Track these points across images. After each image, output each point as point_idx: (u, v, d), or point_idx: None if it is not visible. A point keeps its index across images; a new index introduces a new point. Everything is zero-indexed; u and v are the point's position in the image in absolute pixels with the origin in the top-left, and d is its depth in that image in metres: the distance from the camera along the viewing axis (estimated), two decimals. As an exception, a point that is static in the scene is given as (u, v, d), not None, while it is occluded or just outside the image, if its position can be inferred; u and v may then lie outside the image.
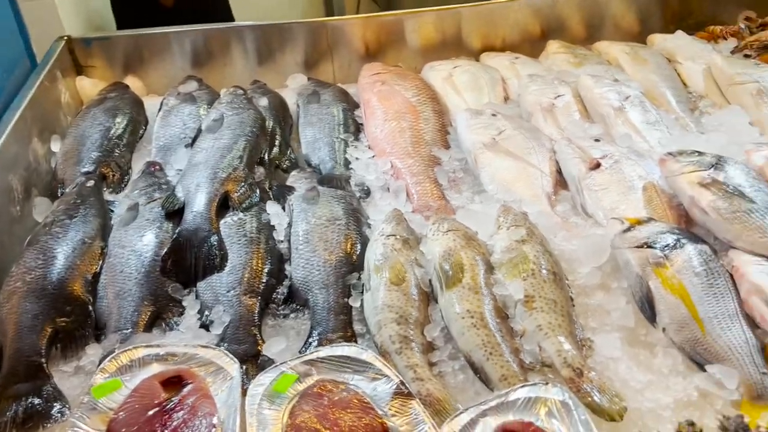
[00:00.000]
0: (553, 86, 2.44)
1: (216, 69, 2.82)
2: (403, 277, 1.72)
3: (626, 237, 1.76)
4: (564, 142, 2.17)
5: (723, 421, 1.09)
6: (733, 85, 2.39)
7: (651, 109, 2.34)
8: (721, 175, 1.84)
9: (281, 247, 1.89)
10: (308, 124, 2.38)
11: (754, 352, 1.51)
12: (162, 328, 1.71)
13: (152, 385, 1.44)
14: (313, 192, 2.00)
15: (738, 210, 1.75)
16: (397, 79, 2.52)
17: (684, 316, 1.58)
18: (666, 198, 1.96)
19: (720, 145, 2.14)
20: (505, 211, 1.91)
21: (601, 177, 2.04)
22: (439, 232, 1.83)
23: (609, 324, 1.65)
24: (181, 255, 1.81)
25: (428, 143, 2.30)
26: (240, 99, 2.31)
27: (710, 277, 1.63)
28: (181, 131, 2.29)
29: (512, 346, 1.57)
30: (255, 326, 1.68)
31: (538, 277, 1.68)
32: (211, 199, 1.92)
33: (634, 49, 2.69)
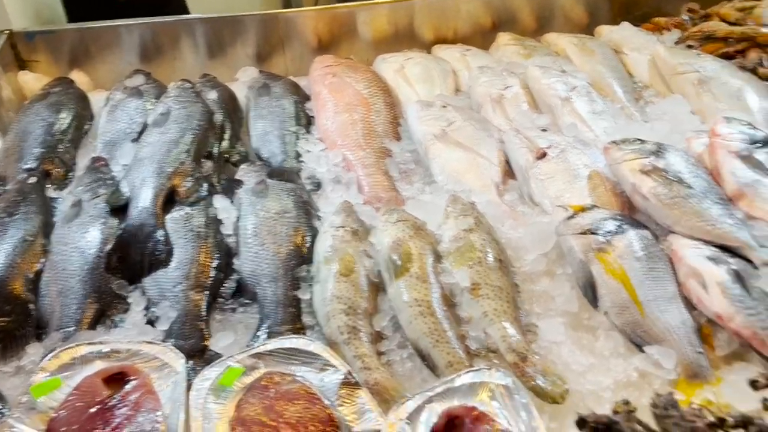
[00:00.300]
0: (502, 78, 2.47)
1: (165, 63, 2.77)
2: (352, 269, 1.72)
3: (570, 224, 1.79)
4: (512, 132, 2.20)
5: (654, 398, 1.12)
6: (675, 75, 2.45)
7: (597, 99, 2.38)
8: (662, 162, 1.89)
9: (229, 241, 1.87)
10: (258, 117, 2.36)
11: (691, 333, 1.55)
12: (107, 326, 1.68)
13: (94, 382, 1.41)
14: (262, 185, 1.98)
15: (677, 196, 1.80)
16: (348, 71, 2.51)
17: (625, 300, 1.62)
18: (610, 185, 2.00)
19: (663, 133, 2.19)
20: (453, 201, 1.93)
21: (547, 166, 2.07)
22: (388, 222, 1.83)
23: (553, 309, 1.68)
24: (126, 251, 1.78)
25: (379, 135, 2.30)
26: (187, 92, 2.28)
27: (650, 262, 1.68)
28: (127, 126, 2.25)
29: (458, 333, 1.59)
30: (202, 321, 1.66)
31: (485, 265, 1.70)
32: (156, 194, 1.90)
33: (581, 40, 2.73)
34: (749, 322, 1.52)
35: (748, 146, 1.89)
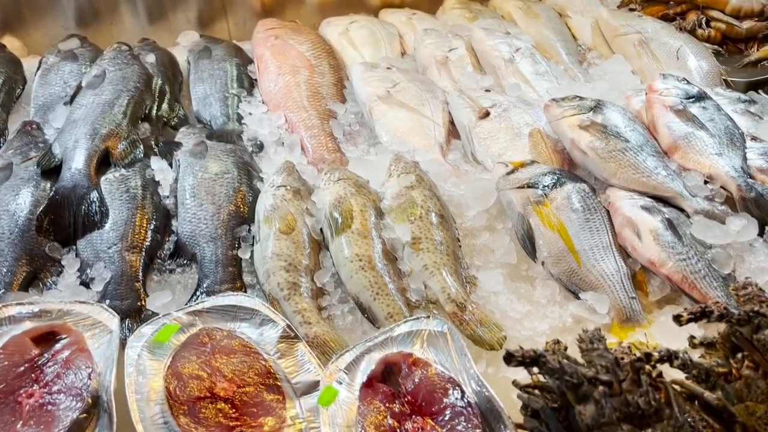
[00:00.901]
0: (447, 40, 2.47)
1: (103, 28, 2.68)
2: (293, 227, 1.71)
3: (509, 179, 1.81)
4: (456, 93, 2.20)
5: (581, 334, 1.15)
6: (617, 37, 2.49)
7: (541, 60, 2.40)
8: (600, 117, 1.92)
9: (167, 202, 1.83)
10: (199, 81, 2.31)
11: (625, 279, 1.59)
12: (39, 288, 1.63)
13: (22, 341, 1.37)
14: (201, 147, 1.94)
15: (614, 149, 1.83)
16: (291, 33, 2.48)
17: (561, 250, 1.64)
18: (551, 143, 2.03)
19: (603, 92, 2.23)
20: (396, 160, 1.92)
21: (490, 125, 2.08)
22: (330, 181, 1.82)
23: (493, 261, 1.70)
24: (59, 213, 1.73)
25: (324, 97, 2.27)
26: (124, 55, 2.22)
27: (587, 213, 1.70)
28: (61, 89, 2.17)
29: (399, 286, 1.59)
30: (138, 281, 1.63)
31: (425, 220, 1.71)
32: (90, 156, 1.84)
33: (527, 4, 2.74)
34: (680, 266, 1.56)
35: (683, 101, 1.94)
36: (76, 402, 1.26)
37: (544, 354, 1.07)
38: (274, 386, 1.35)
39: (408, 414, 1.26)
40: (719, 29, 2.52)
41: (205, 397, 1.30)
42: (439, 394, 1.27)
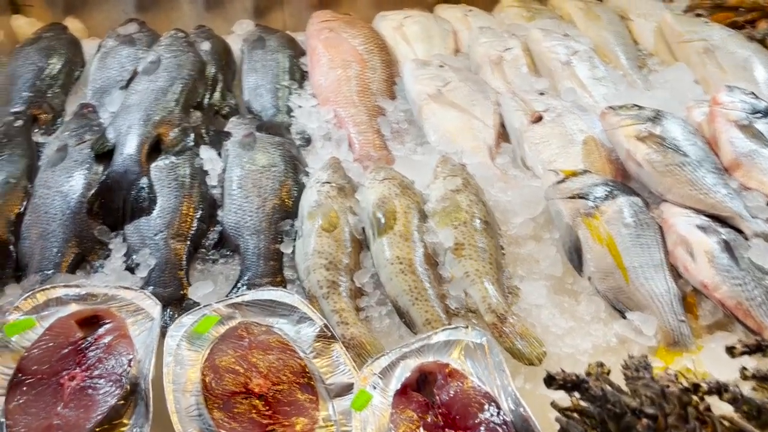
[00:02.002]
0: (503, 39, 2.41)
1: (162, 13, 2.72)
2: (335, 224, 1.70)
3: (559, 188, 1.76)
4: (508, 95, 2.15)
5: (626, 360, 1.10)
6: (681, 43, 2.39)
7: (599, 65, 2.32)
8: (658, 128, 1.85)
9: (214, 192, 1.85)
10: (251, 71, 2.31)
11: (675, 301, 1.53)
12: (86, 271, 1.67)
13: (67, 323, 1.41)
14: (250, 138, 1.95)
15: (671, 163, 1.76)
16: (345, 26, 2.46)
17: (609, 265, 1.59)
18: (605, 152, 1.96)
19: (663, 101, 2.14)
20: (443, 161, 1.89)
21: (542, 130, 2.03)
22: (375, 180, 1.80)
23: (537, 272, 1.66)
24: (109, 197, 1.76)
25: (374, 93, 2.25)
26: (180, 42, 2.24)
27: (639, 229, 1.64)
28: (117, 74, 2.21)
29: (438, 292, 1.57)
30: (181, 270, 1.65)
31: (469, 225, 1.67)
32: (142, 142, 1.87)
33: (588, 5, 2.66)
34: (734, 292, 1.49)
35: (749, 116, 1.85)
36: (116, 388, 1.28)
37: (587, 380, 1.04)
38: (308, 386, 1.35)
39: (441, 427, 1.24)
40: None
41: (239, 392, 1.31)
42: (474, 409, 1.25)
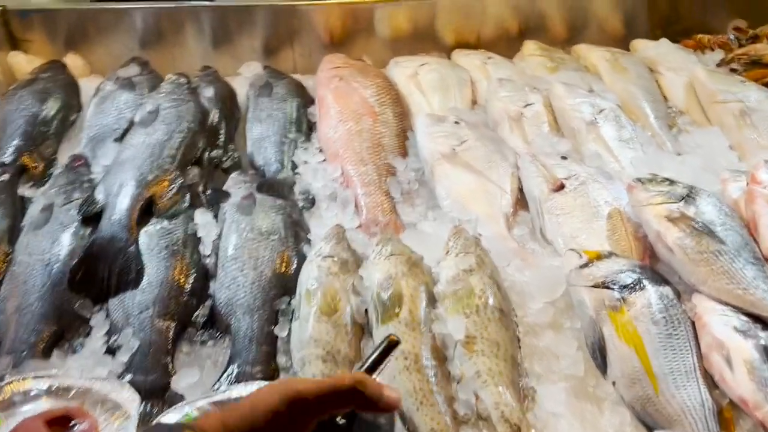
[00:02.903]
0: (524, 93, 2.27)
1: (166, 50, 2.61)
2: (336, 307, 1.56)
3: (583, 273, 1.61)
4: (528, 158, 2.01)
5: None
6: (715, 104, 2.24)
7: (626, 124, 2.17)
8: (692, 209, 1.69)
9: (207, 262, 1.71)
10: (257, 120, 2.19)
11: (710, 417, 1.37)
12: (64, 350, 1.54)
13: (34, 426, 1.27)
14: (249, 200, 1.82)
15: (706, 251, 1.60)
16: (357, 75, 2.33)
17: (636, 370, 1.43)
18: (632, 228, 1.81)
19: (695, 169, 1.99)
20: (456, 234, 1.75)
21: (563, 200, 1.88)
22: (381, 255, 1.66)
23: (556, 372, 1.50)
24: (94, 267, 1.63)
25: (385, 149, 2.12)
26: (181, 89, 2.12)
27: (669, 327, 1.49)
28: (115, 121, 2.10)
29: (446, 395, 1.42)
30: (167, 354, 1.51)
31: (482, 315, 1.53)
32: (132, 205, 1.74)
33: (614, 55, 2.51)
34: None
35: (792, 198, 1.69)
36: None
37: None
38: None
39: None
40: (835, 104, 2.23)
41: None
42: None
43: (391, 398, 0.82)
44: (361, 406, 0.80)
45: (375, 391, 0.81)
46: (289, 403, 0.77)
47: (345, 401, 0.79)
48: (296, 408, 0.77)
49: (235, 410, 0.80)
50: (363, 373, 0.83)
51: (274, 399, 0.78)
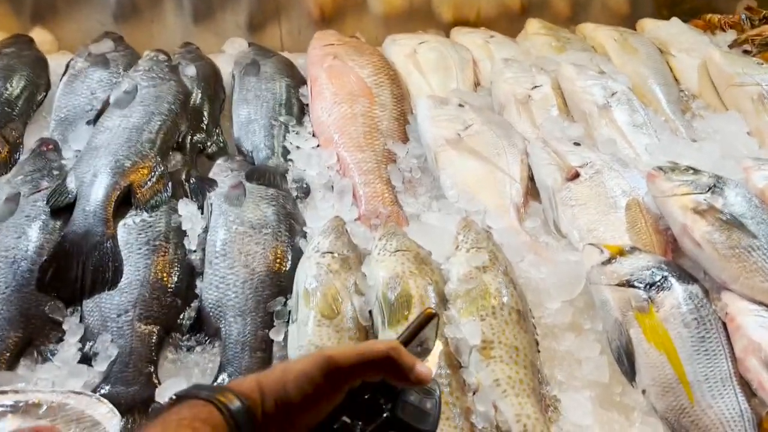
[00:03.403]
0: (531, 74, 2.13)
1: (143, 25, 2.41)
2: (337, 309, 1.41)
3: (605, 271, 1.48)
4: (539, 144, 1.87)
5: None
6: (731, 87, 2.12)
7: (639, 108, 2.05)
8: (720, 200, 1.57)
9: (193, 258, 1.55)
10: (243, 101, 2.01)
11: (750, 429, 1.26)
12: (33, 359, 1.37)
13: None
14: (238, 189, 1.66)
15: (737, 246, 1.49)
16: (352, 53, 2.16)
17: (669, 378, 1.32)
18: (652, 219, 1.69)
19: (714, 157, 1.88)
20: (465, 227, 1.61)
21: (579, 189, 1.75)
22: (385, 251, 1.52)
23: (579, 378, 1.38)
24: (66, 264, 1.46)
25: (383, 134, 1.96)
26: (160, 67, 1.94)
27: (702, 329, 1.37)
28: (87, 102, 1.91)
29: (462, 406, 1.29)
30: (150, 363, 1.36)
31: (499, 317, 1.39)
32: (108, 194, 1.57)
33: (623, 35, 2.38)
34: (826, 424, 1.22)
35: (825, 188, 1.57)
36: None
37: None
38: None
39: None
40: None
41: None
42: None
43: (423, 372, 0.81)
44: (393, 376, 0.79)
45: (407, 362, 0.80)
46: (322, 368, 0.77)
47: (378, 369, 0.79)
48: (330, 374, 0.77)
49: (269, 374, 0.79)
50: (397, 342, 0.82)
51: (308, 363, 0.78)
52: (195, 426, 0.70)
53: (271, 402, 0.76)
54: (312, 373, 0.77)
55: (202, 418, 0.72)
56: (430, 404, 0.80)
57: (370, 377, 0.79)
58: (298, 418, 0.77)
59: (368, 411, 0.79)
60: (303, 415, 0.77)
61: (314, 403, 0.77)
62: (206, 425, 0.71)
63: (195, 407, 0.73)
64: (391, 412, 0.78)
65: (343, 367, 0.78)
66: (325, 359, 0.77)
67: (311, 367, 0.77)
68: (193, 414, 0.72)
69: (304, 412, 0.77)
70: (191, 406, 0.74)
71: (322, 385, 0.76)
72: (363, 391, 0.80)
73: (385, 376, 0.79)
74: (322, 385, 0.76)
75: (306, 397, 0.76)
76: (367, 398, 0.79)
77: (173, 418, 0.72)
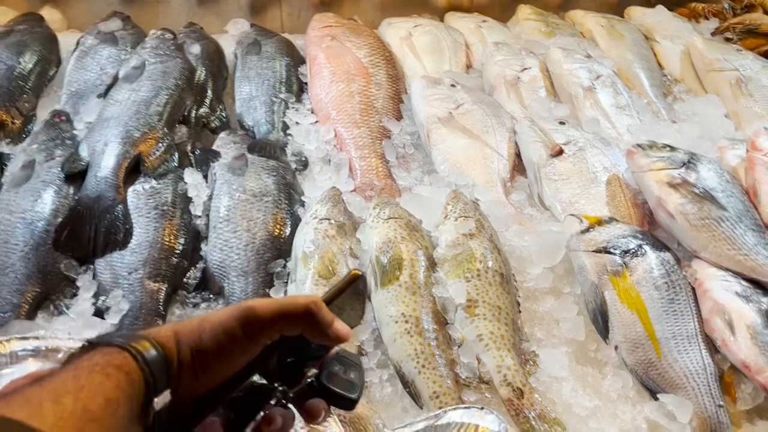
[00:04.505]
0: (520, 57, 2.22)
1: (149, 6, 2.50)
2: (333, 270, 1.52)
3: (584, 239, 1.59)
4: (526, 122, 1.97)
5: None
6: (711, 72, 2.22)
7: (623, 91, 2.14)
8: (693, 175, 1.67)
9: (198, 223, 1.65)
10: (245, 79, 2.11)
11: (712, 381, 1.37)
12: (49, 312, 1.47)
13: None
14: (241, 161, 1.76)
15: (707, 217, 1.59)
16: (349, 34, 2.25)
17: (639, 335, 1.42)
18: (630, 194, 1.79)
19: (692, 137, 1.98)
20: (454, 198, 1.71)
21: (562, 165, 1.85)
22: (379, 218, 1.62)
23: (557, 336, 1.49)
24: (79, 226, 1.56)
25: (378, 112, 2.06)
26: (167, 44, 2.03)
27: (671, 292, 1.48)
28: (96, 77, 2.00)
29: (448, 358, 1.40)
30: (159, 317, 1.46)
31: (484, 278, 1.50)
32: (119, 162, 1.67)
33: (610, 22, 2.47)
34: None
35: (792, 165, 1.68)
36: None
37: None
38: (298, 473, 1.17)
39: None
40: (829, 74, 2.23)
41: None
42: None
43: (341, 330, 0.79)
44: (311, 331, 0.78)
45: (326, 318, 0.78)
46: (241, 318, 0.75)
47: (297, 322, 0.77)
48: (249, 323, 0.75)
49: (187, 323, 0.77)
50: (318, 297, 0.80)
51: (226, 313, 0.76)
52: (108, 372, 0.67)
53: (186, 351, 0.74)
54: (229, 322, 0.74)
55: (116, 364, 0.68)
56: (354, 375, 0.80)
57: (289, 330, 0.77)
58: (214, 367, 0.75)
59: (291, 376, 0.78)
60: (218, 365, 0.75)
61: (229, 352, 0.75)
62: (120, 371, 0.68)
63: (109, 354, 0.70)
64: (316, 378, 0.78)
65: (262, 317, 0.75)
66: (244, 309, 0.75)
67: (228, 317, 0.75)
68: (107, 360, 0.69)
69: (219, 362, 0.75)
70: (105, 352, 0.70)
71: (238, 335, 0.74)
72: (287, 356, 0.79)
73: (304, 331, 0.77)
74: (238, 335, 0.74)
75: (221, 346, 0.74)
76: (291, 362, 0.79)
77: (85, 364, 0.68)
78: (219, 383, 0.76)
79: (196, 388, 0.75)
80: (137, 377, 0.69)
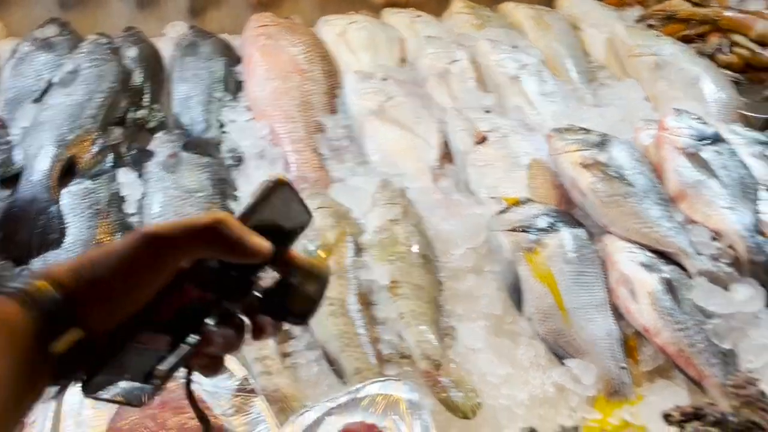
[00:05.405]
0: (450, 50, 2.30)
1: (88, 11, 2.52)
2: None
3: (501, 219, 1.68)
4: (454, 112, 2.05)
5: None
6: (631, 57, 2.33)
7: (548, 79, 2.24)
8: (604, 155, 1.77)
9: (133, 221, 1.71)
10: (182, 80, 2.16)
11: (615, 346, 1.47)
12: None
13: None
14: (173, 158, 1.81)
15: (616, 194, 1.69)
16: (285, 33, 2.31)
17: (550, 306, 1.52)
18: (551, 176, 1.88)
19: (613, 120, 2.08)
20: (382, 187, 1.79)
21: (486, 152, 1.94)
22: (308, 208, 1.69)
23: (476, 311, 1.57)
24: (15, 228, 1.61)
25: (314, 107, 2.13)
26: (102, 49, 2.07)
27: (581, 265, 1.58)
28: (33, 83, 2.03)
29: (372, 336, 1.48)
30: (93, 311, 1.51)
31: (407, 261, 1.58)
32: (53, 164, 1.72)
33: (539, 13, 2.57)
34: (676, 337, 1.44)
35: (696, 143, 1.79)
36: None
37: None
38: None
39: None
40: (742, 56, 2.35)
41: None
42: (399, 480, 1.16)
43: (256, 243, 0.71)
44: (222, 250, 0.71)
45: (237, 234, 0.71)
46: (138, 244, 0.70)
47: (203, 240, 0.71)
48: (149, 246, 0.70)
49: (87, 255, 0.71)
50: (227, 213, 0.73)
51: (127, 240, 0.71)
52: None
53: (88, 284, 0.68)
54: (126, 251, 0.69)
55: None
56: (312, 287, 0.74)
57: (198, 253, 0.71)
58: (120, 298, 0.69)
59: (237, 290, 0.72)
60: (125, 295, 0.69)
61: (136, 282, 0.69)
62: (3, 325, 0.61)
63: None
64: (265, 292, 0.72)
65: (163, 237, 0.70)
66: (141, 234, 0.70)
67: (124, 246, 0.70)
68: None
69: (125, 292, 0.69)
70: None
71: (140, 261, 0.69)
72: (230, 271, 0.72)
73: (214, 251, 0.71)
74: (140, 261, 0.69)
75: (125, 276, 0.69)
76: (236, 276, 0.72)
77: None
78: (132, 314, 0.70)
79: (108, 321, 0.69)
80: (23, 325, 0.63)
